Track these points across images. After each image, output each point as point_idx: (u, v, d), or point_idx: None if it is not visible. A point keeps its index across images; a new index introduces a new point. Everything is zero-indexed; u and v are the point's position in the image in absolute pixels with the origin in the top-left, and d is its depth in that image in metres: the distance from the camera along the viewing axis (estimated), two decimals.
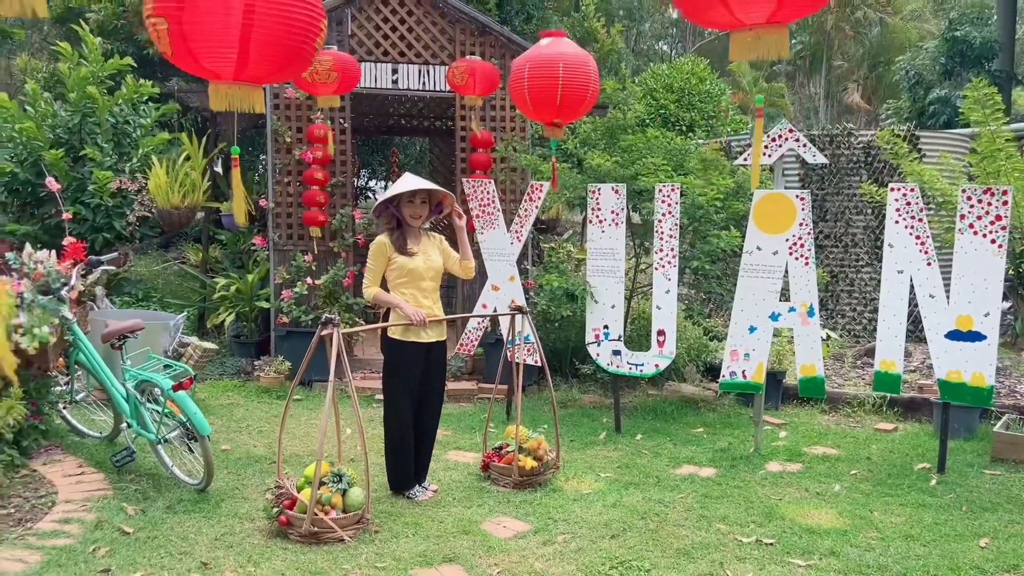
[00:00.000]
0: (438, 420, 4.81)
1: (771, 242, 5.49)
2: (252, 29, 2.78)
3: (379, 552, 3.83)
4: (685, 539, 4.11)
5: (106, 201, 8.70)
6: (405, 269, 4.58)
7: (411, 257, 4.58)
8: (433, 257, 4.69)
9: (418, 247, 4.64)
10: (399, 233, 4.62)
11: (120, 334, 4.64)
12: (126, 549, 3.70)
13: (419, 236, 4.69)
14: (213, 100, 3.04)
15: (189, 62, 2.91)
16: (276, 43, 2.85)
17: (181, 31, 2.81)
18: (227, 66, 2.87)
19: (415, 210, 4.58)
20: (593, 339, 6.07)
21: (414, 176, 4.65)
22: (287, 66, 2.97)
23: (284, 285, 7.23)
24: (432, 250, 4.71)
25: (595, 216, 5.99)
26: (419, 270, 4.60)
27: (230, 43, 2.79)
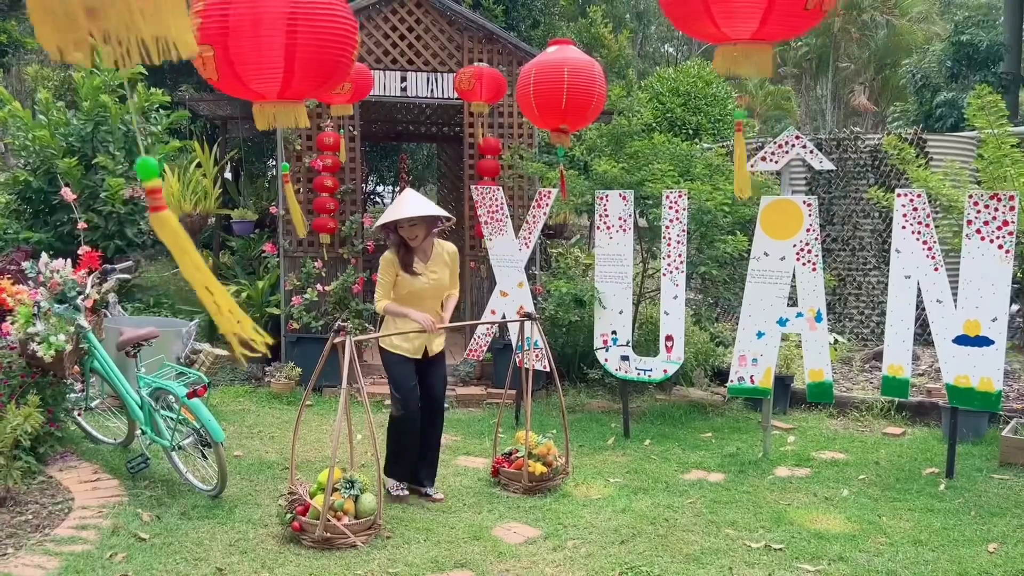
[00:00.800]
0: (441, 427, 4.85)
1: (778, 248, 5.52)
2: (296, 48, 2.83)
3: (391, 558, 3.87)
4: (694, 544, 4.14)
5: (118, 208, 8.79)
6: (407, 288, 4.64)
7: (414, 277, 4.63)
8: (439, 274, 4.73)
9: (425, 264, 4.69)
10: (405, 251, 4.67)
11: (135, 342, 4.71)
12: (142, 555, 3.75)
13: (428, 250, 4.74)
14: (259, 120, 3.10)
15: (236, 86, 2.97)
16: (318, 59, 2.90)
17: (227, 57, 2.86)
18: (273, 86, 2.92)
19: (410, 231, 4.62)
20: (602, 344, 6.11)
21: (412, 195, 4.69)
22: (328, 79, 3.02)
23: (294, 291, 7.29)
24: (440, 266, 4.74)
25: (603, 222, 6.03)
26: (420, 291, 4.65)
27: (275, 64, 2.84)
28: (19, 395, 4.61)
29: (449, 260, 4.80)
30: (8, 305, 4.73)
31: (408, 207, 4.55)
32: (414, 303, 4.65)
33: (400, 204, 4.61)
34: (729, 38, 3.03)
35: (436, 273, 4.72)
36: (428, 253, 4.74)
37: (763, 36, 2.98)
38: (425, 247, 4.72)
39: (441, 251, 4.79)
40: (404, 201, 4.62)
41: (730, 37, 3.02)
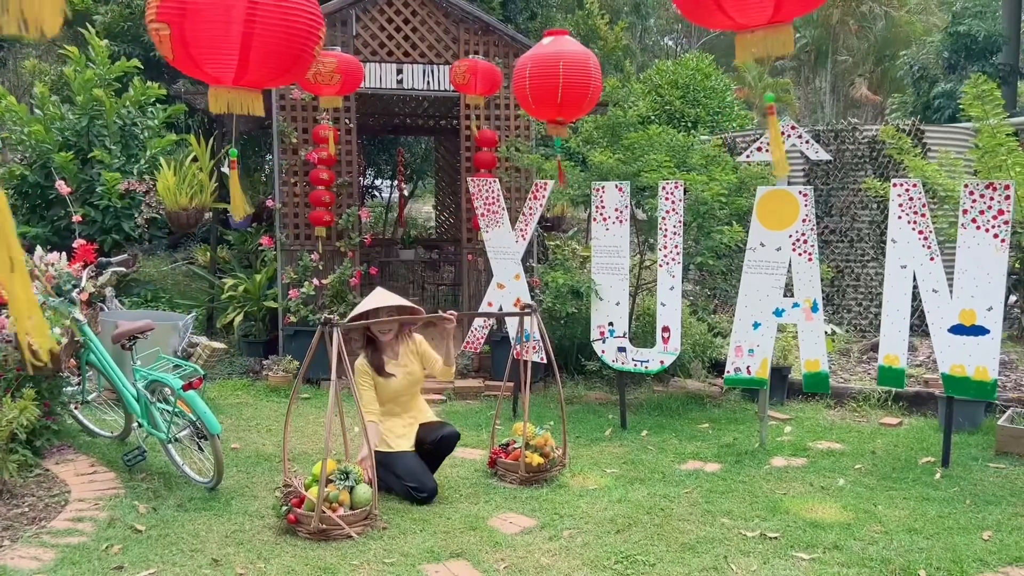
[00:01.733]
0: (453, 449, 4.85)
1: (774, 238, 5.51)
2: (253, 37, 2.84)
3: (387, 548, 3.88)
4: (690, 534, 4.15)
5: (115, 203, 8.78)
6: (387, 392, 4.63)
7: (388, 379, 4.62)
8: (412, 368, 4.73)
9: (396, 360, 4.68)
10: (374, 352, 4.65)
11: (130, 335, 4.71)
12: (138, 546, 3.76)
13: (396, 345, 4.74)
14: (213, 103, 3.10)
15: (190, 67, 2.97)
16: (276, 50, 2.90)
17: (183, 37, 2.86)
18: (228, 71, 2.93)
19: (379, 328, 4.62)
20: (598, 336, 6.11)
21: (382, 292, 4.70)
22: (287, 72, 3.02)
23: (291, 285, 7.29)
24: (411, 359, 4.74)
25: (599, 214, 6.03)
26: (398, 390, 4.65)
27: (231, 49, 2.84)
28: (15, 388, 4.61)
29: (417, 347, 4.81)
30: (3, 299, 4.72)
31: (373, 301, 4.57)
32: (399, 403, 4.67)
33: (367, 300, 4.64)
34: (746, 26, 3.01)
35: (407, 366, 4.72)
36: (397, 351, 4.75)
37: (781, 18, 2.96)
38: (393, 345, 4.73)
39: (408, 345, 4.80)
40: (372, 297, 4.64)
41: (747, 25, 3.00)
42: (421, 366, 4.76)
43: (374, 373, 4.57)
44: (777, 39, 3.04)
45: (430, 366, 4.81)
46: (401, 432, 4.62)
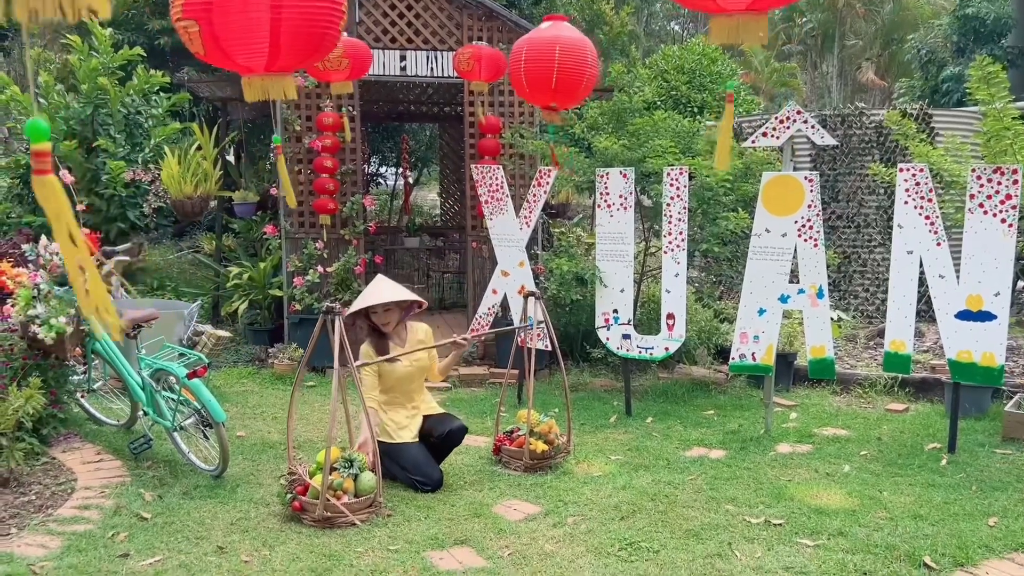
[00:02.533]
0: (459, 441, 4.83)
1: (780, 224, 5.48)
2: (281, 22, 2.82)
3: (392, 535, 3.89)
4: (694, 520, 4.15)
5: (120, 192, 8.80)
6: (391, 379, 4.61)
7: (392, 366, 4.60)
8: (416, 355, 4.71)
9: (402, 348, 4.67)
10: (378, 339, 4.63)
11: (135, 324, 4.72)
12: (144, 534, 3.78)
13: (403, 335, 4.73)
14: (247, 92, 3.09)
15: (222, 59, 2.96)
16: (304, 31, 2.88)
17: (212, 32, 2.85)
18: (259, 59, 2.91)
19: (381, 318, 4.60)
20: (603, 323, 6.10)
21: (384, 281, 4.66)
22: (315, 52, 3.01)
23: (296, 273, 7.29)
24: (416, 346, 4.72)
25: (604, 200, 6.00)
26: (404, 378, 4.63)
27: (261, 38, 2.82)
28: (21, 377, 4.63)
29: (425, 338, 4.79)
30: (8, 288, 4.74)
31: (379, 293, 4.54)
32: (403, 392, 4.66)
33: (371, 291, 4.60)
34: (724, 9, 3.00)
35: (414, 354, 4.70)
36: (403, 337, 4.73)
37: (758, 7, 2.95)
38: (399, 332, 4.71)
39: (415, 331, 4.78)
40: (375, 287, 4.61)
41: (725, 8, 2.99)
42: (427, 354, 4.76)
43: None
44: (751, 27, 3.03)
45: (432, 356, 4.82)
46: (404, 423, 4.62)
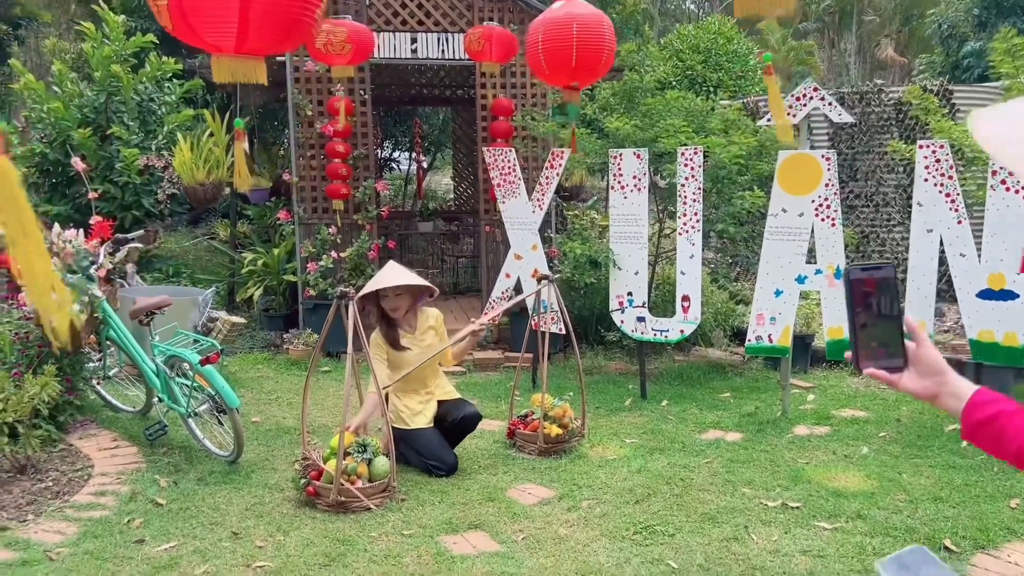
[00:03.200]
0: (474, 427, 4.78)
1: (796, 203, 5.40)
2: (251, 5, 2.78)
3: (405, 520, 3.88)
4: (710, 503, 4.11)
5: (134, 179, 8.81)
6: (402, 366, 4.57)
7: (402, 352, 4.56)
8: (429, 340, 4.66)
9: (413, 335, 4.63)
10: (387, 326, 4.58)
11: (148, 311, 4.72)
12: (159, 520, 3.79)
13: (413, 321, 4.68)
14: (216, 72, 3.06)
15: (190, 36, 2.93)
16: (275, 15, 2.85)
17: (180, 6, 2.82)
18: (228, 39, 2.87)
19: (392, 303, 4.54)
20: (617, 306, 6.05)
21: (395, 267, 4.61)
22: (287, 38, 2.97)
23: (310, 258, 7.29)
24: (428, 334, 4.68)
25: (617, 182, 5.94)
26: (413, 363, 4.58)
27: (229, 17, 2.79)
28: (37, 365, 4.65)
29: (435, 324, 4.74)
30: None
31: (383, 278, 4.49)
32: (416, 378, 4.61)
33: (382, 275, 4.56)
34: None
35: (426, 340, 4.67)
36: (414, 324, 4.69)
37: None
38: (409, 319, 4.67)
39: (426, 318, 4.73)
40: (386, 272, 4.56)
41: None
42: (439, 340, 4.73)
43: (388, 347, 4.55)
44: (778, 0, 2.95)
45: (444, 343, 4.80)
46: (418, 408, 4.61)
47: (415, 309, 4.68)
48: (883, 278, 1.31)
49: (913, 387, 1.34)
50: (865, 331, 1.32)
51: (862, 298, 1.31)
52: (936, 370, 1.32)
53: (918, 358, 1.33)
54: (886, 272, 1.31)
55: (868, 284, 1.30)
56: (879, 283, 1.31)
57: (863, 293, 1.31)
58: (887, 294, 1.31)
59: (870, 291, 1.31)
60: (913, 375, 1.33)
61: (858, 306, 1.31)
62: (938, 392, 1.32)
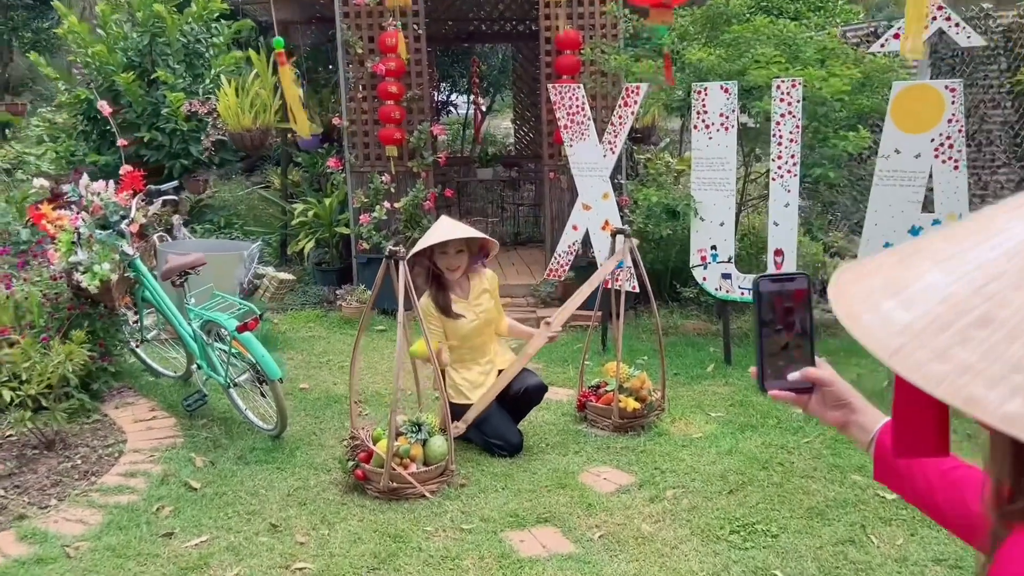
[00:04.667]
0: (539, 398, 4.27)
1: (913, 143, 4.67)
2: None
3: (465, 510, 3.42)
4: (816, 495, 3.55)
5: (181, 126, 8.42)
6: (456, 336, 4.06)
7: (456, 320, 4.02)
8: (484, 305, 4.13)
9: (466, 300, 4.09)
10: (439, 291, 4.05)
11: (181, 271, 4.30)
12: (191, 508, 3.40)
13: (465, 285, 4.14)
14: None
15: None
16: None
17: None
18: None
19: (450, 261, 3.99)
20: (699, 261, 5.42)
21: (449, 221, 4.05)
22: None
23: (362, 209, 6.81)
24: (482, 297, 4.14)
25: (700, 120, 5.26)
26: (472, 333, 4.07)
27: None
28: (67, 328, 4.30)
29: (490, 286, 4.20)
30: (51, 232, 4.37)
31: (441, 231, 3.92)
32: (473, 347, 4.11)
33: (434, 230, 3.99)
34: None
35: (481, 305, 4.12)
36: (466, 288, 4.14)
37: None
38: (461, 282, 4.12)
39: (480, 281, 4.18)
40: (438, 226, 4.00)
41: None
42: (494, 305, 4.21)
43: (440, 314, 4.03)
44: None
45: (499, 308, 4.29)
46: (479, 381, 4.11)
47: (467, 272, 4.14)
48: (795, 290, 1.21)
49: (820, 414, 1.24)
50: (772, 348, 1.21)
51: (771, 312, 1.20)
52: (841, 399, 1.22)
53: (822, 382, 1.21)
54: (799, 284, 1.21)
55: (779, 297, 1.20)
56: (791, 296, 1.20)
57: (772, 306, 1.20)
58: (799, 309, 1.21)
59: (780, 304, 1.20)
60: (820, 401, 1.23)
61: (766, 321, 1.21)
62: (846, 422, 1.24)
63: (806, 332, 1.22)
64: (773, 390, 1.22)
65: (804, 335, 1.22)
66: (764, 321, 1.21)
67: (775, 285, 1.20)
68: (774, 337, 1.21)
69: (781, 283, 1.21)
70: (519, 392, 4.08)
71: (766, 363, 1.22)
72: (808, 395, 1.23)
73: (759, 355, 1.22)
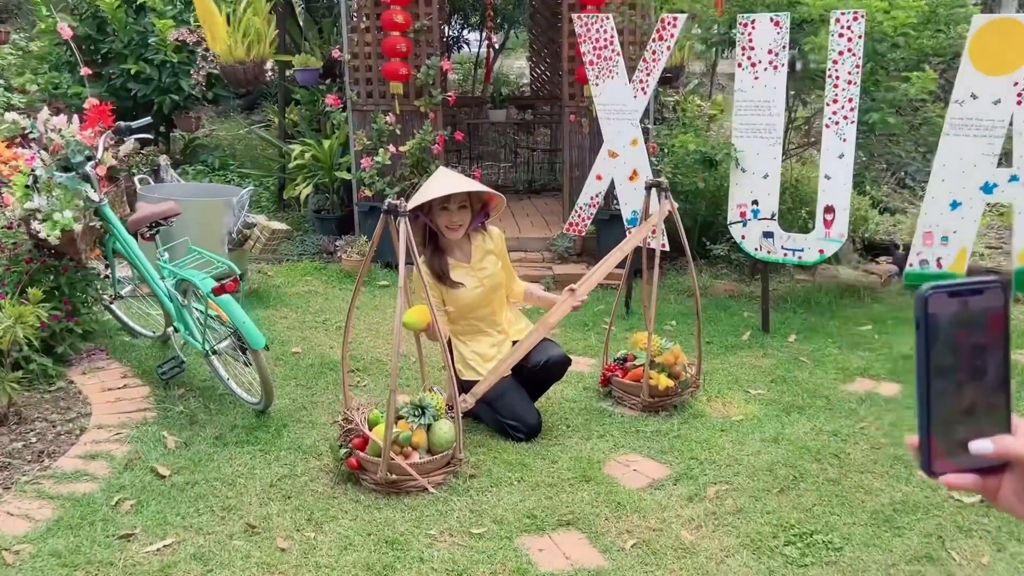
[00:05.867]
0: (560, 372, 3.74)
1: (993, 87, 4.07)
2: None
3: (474, 509, 2.94)
4: (879, 495, 3.06)
5: (171, 57, 7.81)
6: (457, 304, 3.53)
7: (456, 289, 3.48)
8: (490, 268, 3.59)
9: (468, 264, 3.55)
10: (434, 254, 3.51)
11: (151, 222, 3.77)
12: (157, 501, 2.92)
13: (466, 244, 3.59)
14: None
15: None
16: None
17: None
18: None
19: (451, 218, 3.44)
20: (739, 217, 4.85)
21: (448, 172, 3.51)
22: None
23: (364, 152, 6.23)
24: (486, 259, 3.60)
25: (745, 57, 4.63)
26: (475, 302, 3.54)
27: None
28: (26, 284, 3.79)
29: (495, 247, 3.65)
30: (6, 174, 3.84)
31: (441, 185, 3.36)
32: (480, 317, 3.60)
33: (432, 182, 3.43)
34: None
35: (486, 269, 3.58)
36: (467, 250, 3.59)
37: None
38: (462, 243, 3.57)
39: (483, 241, 3.63)
40: (437, 178, 3.44)
41: None
42: (501, 265, 3.67)
43: (435, 282, 3.51)
44: None
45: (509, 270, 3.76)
46: (491, 354, 3.59)
47: (468, 231, 3.59)
48: (990, 313, 0.75)
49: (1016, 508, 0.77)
50: (947, 408, 0.76)
51: (950, 351, 0.75)
52: None
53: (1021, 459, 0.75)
54: (992, 300, 0.75)
55: (963, 326, 0.74)
56: (983, 322, 0.74)
57: (952, 342, 0.75)
58: (995, 342, 0.75)
59: (966, 339, 0.75)
60: (1018, 486, 0.76)
61: (941, 366, 0.75)
62: None
63: (1002, 380, 0.78)
64: (947, 474, 0.78)
65: (999, 385, 0.78)
66: (937, 366, 0.76)
67: (956, 304, 0.76)
68: (951, 391, 0.77)
69: (964, 299, 0.76)
70: (538, 365, 3.57)
71: (936, 431, 0.78)
72: (999, 477, 0.79)
73: (924, 418, 0.78)
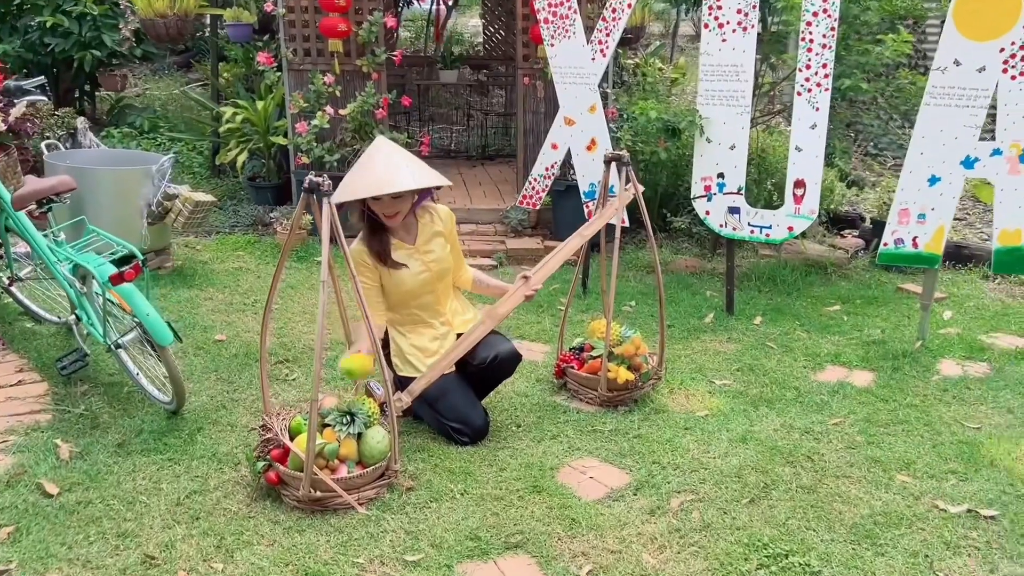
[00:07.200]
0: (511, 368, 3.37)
1: (978, 53, 3.76)
2: None
3: (410, 530, 2.59)
4: (859, 504, 2.79)
5: (91, 9, 7.19)
6: (399, 290, 3.14)
7: (398, 271, 3.10)
8: (436, 252, 3.21)
9: (412, 245, 3.17)
10: (373, 234, 3.11)
11: (41, 197, 3.30)
12: (40, 527, 2.52)
13: (412, 223, 3.20)
14: None
15: None
16: None
17: None
18: None
19: (384, 207, 3.02)
20: (703, 192, 4.52)
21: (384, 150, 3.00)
22: None
23: (301, 115, 5.75)
24: (433, 241, 3.22)
25: (713, 17, 4.27)
26: (419, 288, 3.16)
27: None
28: None
29: (444, 227, 3.26)
30: None
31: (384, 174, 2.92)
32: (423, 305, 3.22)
33: (369, 165, 2.97)
34: None
35: (432, 252, 3.19)
36: (413, 231, 3.19)
37: None
38: (408, 223, 3.17)
39: (429, 221, 3.23)
40: (376, 158, 2.97)
41: None
42: (448, 251, 3.29)
43: (376, 263, 3.12)
44: None
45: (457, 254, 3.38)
46: (432, 347, 3.22)
47: (414, 211, 3.20)
48: None
49: None
50: None
51: None
52: None
53: None
54: None
55: None
56: None
57: None
58: None
59: None
60: None
61: None
62: None
63: None
64: None
65: None
66: None
67: None
68: None
69: None
70: (485, 362, 3.21)
71: None
72: None
73: None
